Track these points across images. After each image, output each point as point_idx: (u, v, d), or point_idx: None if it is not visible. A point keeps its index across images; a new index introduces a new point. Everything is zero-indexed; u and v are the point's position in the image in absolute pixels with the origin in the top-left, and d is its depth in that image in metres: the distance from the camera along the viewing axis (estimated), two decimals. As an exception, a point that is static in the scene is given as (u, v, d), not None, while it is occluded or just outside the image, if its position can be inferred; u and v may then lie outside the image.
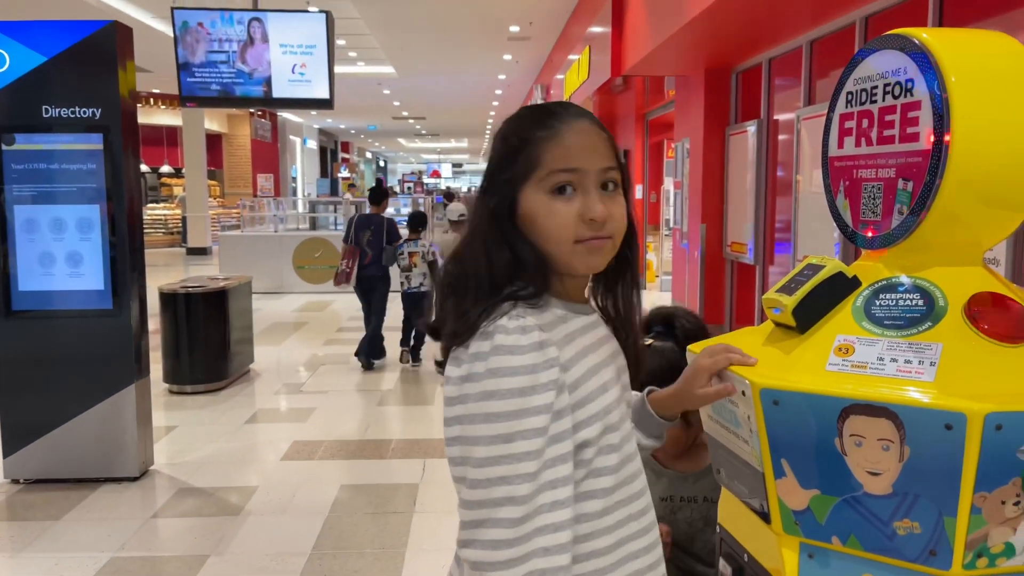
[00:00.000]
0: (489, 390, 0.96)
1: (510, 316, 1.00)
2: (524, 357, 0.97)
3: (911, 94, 1.14)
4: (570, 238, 1.04)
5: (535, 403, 0.97)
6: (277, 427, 5.53)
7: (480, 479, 0.96)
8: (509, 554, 0.95)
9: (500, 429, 0.96)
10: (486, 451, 0.96)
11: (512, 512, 0.95)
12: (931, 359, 1.06)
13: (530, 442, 0.96)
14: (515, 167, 1.06)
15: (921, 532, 1.03)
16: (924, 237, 1.15)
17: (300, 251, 12.09)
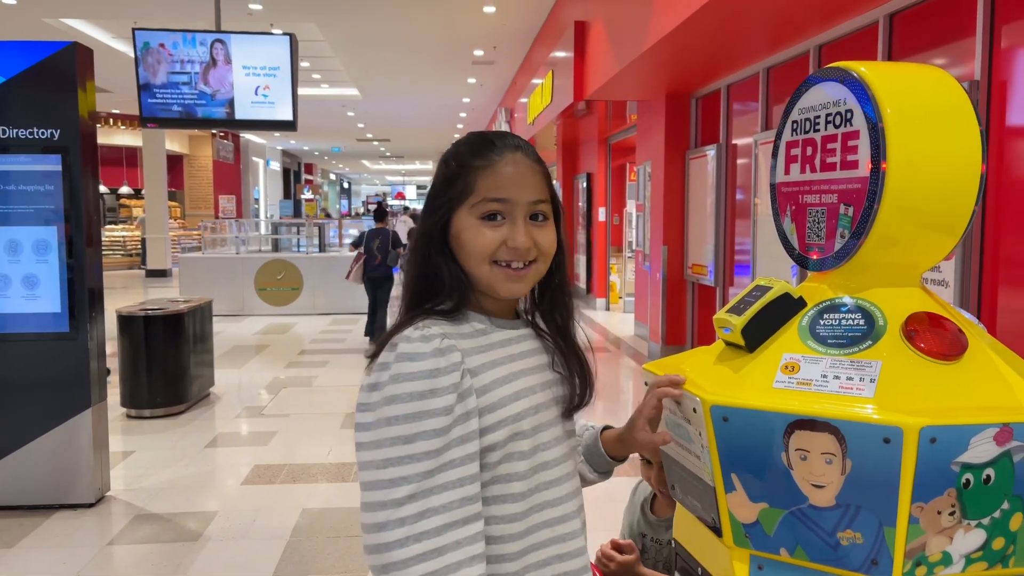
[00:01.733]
0: (391, 395, 1.02)
1: (416, 326, 1.07)
2: (424, 363, 1.03)
3: (850, 124, 1.20)
4: (488, 258, 1.12)
5: (434, 405, 1.02)
6: (237, 451, 5.46)
7: (382, 479, 1.00)
8: (410, 552, 0.98)
9: (401, 431, 1.01)
10: (387, 452, 1.01)
11: (410, 510, 0.99)
12: (871, 376, 1.11)
13: (429, 442, 1.01)
14: (451, 191, 1.13)
15: (863, 542, 1.08)
16: (865, 259, 1.21)
17: (262, 273, 12.00)
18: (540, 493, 1.13)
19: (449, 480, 1.01)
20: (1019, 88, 3.61)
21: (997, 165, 3.67)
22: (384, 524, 0.99)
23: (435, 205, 1.15)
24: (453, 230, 1.13)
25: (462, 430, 1.03)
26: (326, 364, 8.33)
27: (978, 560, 1.09)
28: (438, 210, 1.14)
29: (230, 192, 23.16)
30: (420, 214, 1.18)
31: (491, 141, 1.16)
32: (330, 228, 14.61)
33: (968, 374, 1.12)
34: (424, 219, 1.16)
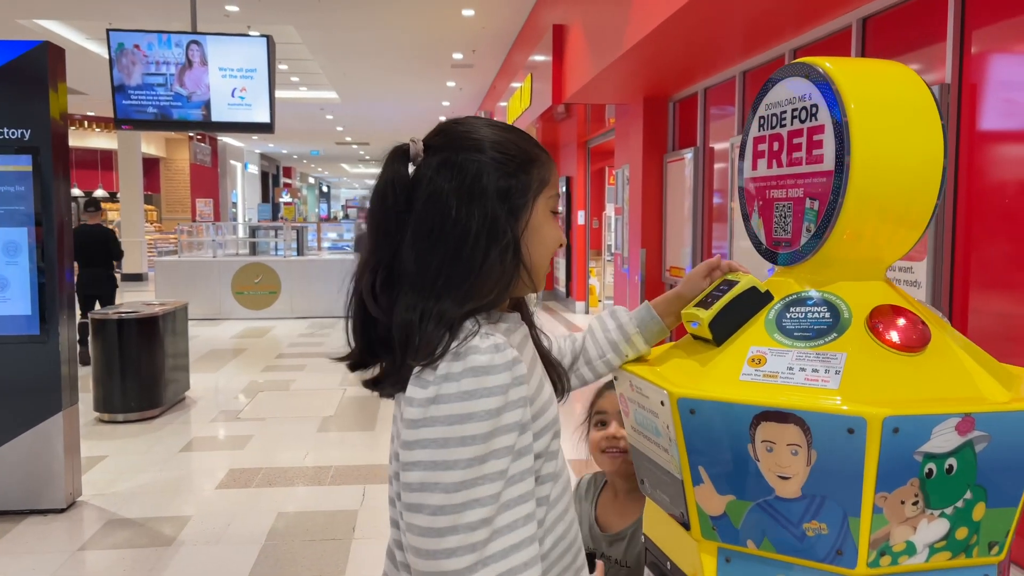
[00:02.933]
0: (464, 412, 0.94)
1: (481, 335, 0.98)
2: (499, 377, 0.95)
3: (815, 118, 1.21)
4: (551, 257, 1.11)
5: (508, 421, 0.96)
6: (213, 455, 5.41)
7: (453, 503, 0.93)
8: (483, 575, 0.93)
9: (477, 451, 0.93)
10: (462, 475, 0.93)
11: (483, 535, 0.93)
12: (836, 368, 1.11)
13: (501, 461, 0.95)
14: (531, 176, 1.08)
15: (828, 533, 1.08)
16: (830, 253, 1.22)
17: (239, 277, 11.92)
18: (567, 492, 1.11)
19: (512, 498, 0.96)
20: (989, 92, 3.67)
21: (968, 168, 3.72)
22: (454, 550, 0.92)
23: (513, 190, 1.05)
24: (533, 220, 1.07)
25: (521, 443, 0.98)
26: (304, 368, 8.28)
27: (942, 550, 1.10)
28: (520, 196, 1.06)
29: (207, 196, 22.98)
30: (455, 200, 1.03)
31: (531, 137, 1.13)
32: (308, 232, 14.52)
33: (931, 366, 1.13)
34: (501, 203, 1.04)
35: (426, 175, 1.06)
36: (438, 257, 1.02)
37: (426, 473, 0.94)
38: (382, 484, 4.76)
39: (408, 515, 0.96)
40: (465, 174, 1.04)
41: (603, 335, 1.39)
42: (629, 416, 1.37)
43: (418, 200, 1.05)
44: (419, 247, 1.03)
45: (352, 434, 5.88)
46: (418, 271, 1.03)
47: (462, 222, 1.02)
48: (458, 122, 1.11)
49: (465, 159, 1.05)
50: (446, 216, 1.03)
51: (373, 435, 5.83)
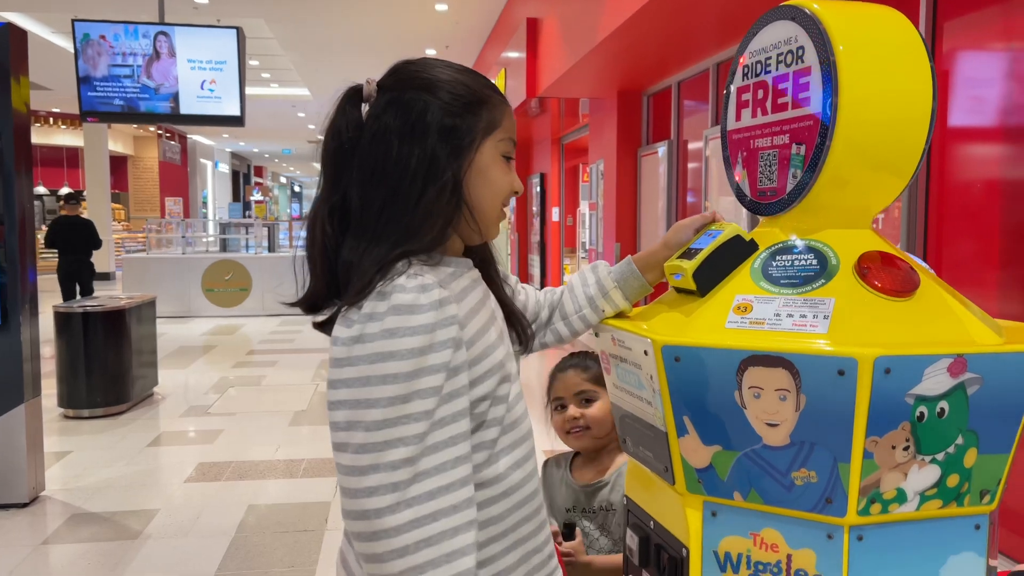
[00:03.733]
0: (386, 350, 0.93)
1: (408, 275, 0.97)
2: (423, 316, 0.95)
3: (802, 60, 1.18)
4: (505, 198, 1.09)
5: (432, 362, 0.95)
6: (181, 450, 5.30)
7: (374, 442, 0.93)
8: (402, 518, 0.92)
9: (399, 390, 0.93)
10: (383, 413, 0.93)
11: (405, 474, 0.93)
12: (824, 313, 1.08)
13: (425, 401, 0.94)
14: (479, 117, 1.05)
15: (817, 481, 1.05)
16: (817, 200, 1.19)
17: (209, 274, 11.74)
18: (510, 434, 1.08)
19: (440, 440, 0.95)
20: (960, 88, 3.68)
21: (940, 165, 3.72)
22: (375, 489, 0.92)
23: (458, 130, 1.03)
24: (478, 162, 1.05)
25: (452, 385, 0.97)
26: (275, 364, 8.16)
27: (932, 497, 1.07)
28: (465, 136, 1.04)
29: (177, 194, 22.67)
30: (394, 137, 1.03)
31: (488, 81, 1.10)
32: (280, 230, 14.37)
33: (920, 311, 1.11)
34: (443, 142, 1.02)
35: (374, 114, 1.05)
36: (380, 197, 1.02)
37: (350, 412, 0.94)
38: (355, 476, 4.69)
39: (336, 455, 0.97)
40: (410, 112, 1.03)
41: (582, 290, 1.35)
42: (610, 373, 1.33)
43: (364, 139, 1.04)
44: (363, 186, 1.03)
45: (324, 428, 5.78)
46: (362, 210, 1.03)
47: (402, 160, 1.02)
48: (411, 62, 1.10)
49: (412, 98, 1.04)
50: (388, 155, 1.02)
51: (346, 429, 5.74)
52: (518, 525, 1.09)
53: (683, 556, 1.15)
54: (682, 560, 1.16)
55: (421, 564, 0.92)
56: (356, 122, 1.06)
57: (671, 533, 1.20)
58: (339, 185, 1.05)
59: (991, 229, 3.45)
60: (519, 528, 1.09)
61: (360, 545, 0.95)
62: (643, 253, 1.34)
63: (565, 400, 1.82)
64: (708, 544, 1.14)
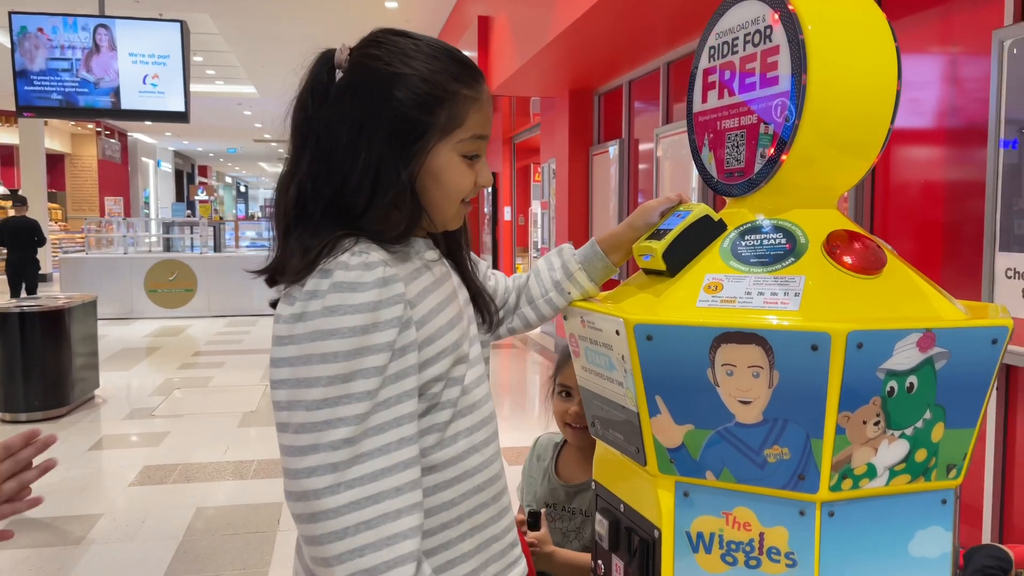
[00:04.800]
0: (327, 328, 0.91)
1: (352, 252, 0.95)
2: (366, 294, 0.92)
3: (770, 40, 1.18)
4: (461, 199, 1.06)
5: (375, 341, 0.92)
6: (126, 453, 5.14)
7: (314, 422, 0.90)
8: (342, 499, 0.90)
9: (339, 369, 0.91)
10: (323, 392, 0.91)
11: (345, 454, 0.90)
12: (795, 290, 1.08)
13: (368, 381, 0.92)
14: (433, 119, 1.00)
15: (790, 457, 1.05)
16: (784, 180, 1.19)
17: (153, 274, 11.44)
18: (467, 417, 1.06)
19: (385, 420, 0.93)
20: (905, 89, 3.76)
21: (884, 168, 3.79)
22: (314, 469, 0.90)
23: (409, 133, 0.99)
24: (431, 165, 1.01)
25: (399, 365, 0.94)
26: (222, 365, 7.98)
27: (901, 472, 1.08)
28: (417, 140, 0.99)
29: (117, 194, 22.03)
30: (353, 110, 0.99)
31: (471, 68, 1.05)
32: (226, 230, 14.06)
33: (888, 288, 1.12)
34: (392, 145, 0.98)
35: (334, 95, 1.01)
36: (330, 187, 1.00)
37: (291, 391, 0.92)
38: (307, 476, 4.61)
39: (278, 435, 0.95)
40: (364, 107, 0.99)
41: (548, 274, 1.33)
42: (579, 356, 1.32)
43: (322, 121, 1.01)
44: (315, 172, 1.01)
45: (275, 429, 5.67)
46: (312, 196, 1.00)
47: (352, 157, 0.98)
48: (384, 40, 1.03)
49: (369, 89, 0.99)
50: (338, 146, 0.99)
51: (297, 429, 5.64)
52: (475, 511, 1.06)
53: (655, 538, 1.14)
54: (654, 542, 1.15)
55: (360, 547, 0.90)
56: (322, 91, 1.02)
57: (642, 515, 1.19)
58: (302, 158, 1.02)
59: (931, 228, 3.54)
60: (476, 514, 1.06)
61: (301, 527, 0.93)
62: (607, 234, 1.33)
63: (571, 389, 1.73)
64: (680, 525, 1.13)
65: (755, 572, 1.09)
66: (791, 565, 1.07)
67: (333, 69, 1.03)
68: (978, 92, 3.20)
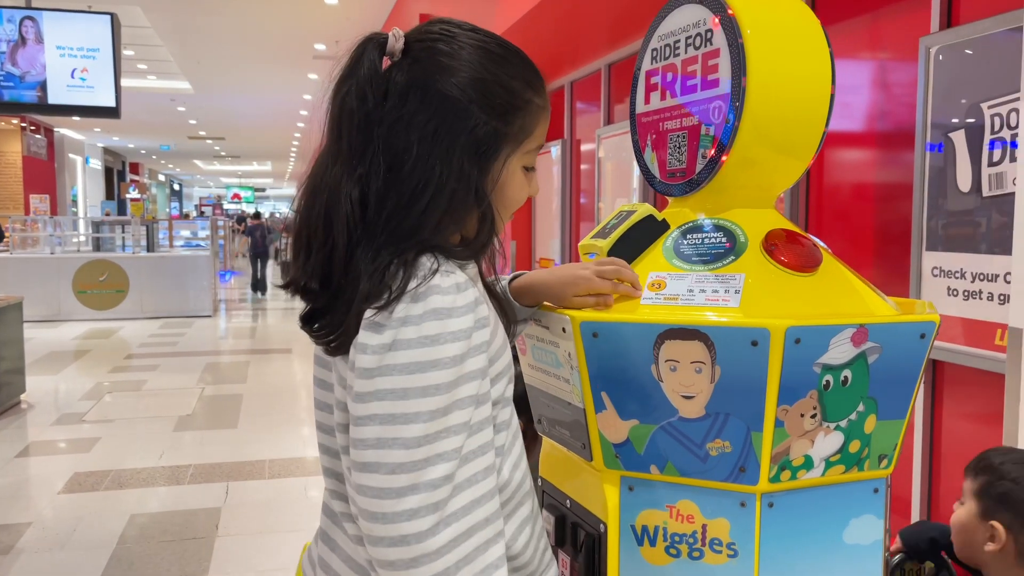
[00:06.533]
0: (428, 360, 0.83)
1: (442, 273, 0.87)
2: (461, 320, 0.85)
3: (711, 43, 1.21)
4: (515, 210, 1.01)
5: (470, 368, 0.86)
6: (54, 459, 4.96)
7: (414, 460, 0.83)
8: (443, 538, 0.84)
9: (440, 403, 0.84)
10: (423, 428, 0.83)
11: (445, 492, 0.84)
12: (735, 288, 1.11)
13: (463, 412, 0.86)
14: (512, 127, 0.94)
15: (731, 450, 1.08)
16: (725, 180, 1.22)
17: (82, 275, 11.05)
18: (518, 438, 1.01)
19: (471, 450, 0.87)
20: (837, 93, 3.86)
21: (818, 169, 3.89)
22: (416, 511, 0.82)
23: (488, 143, 0.92)
24: (500, 176, 0.95)
25: (481, 389, 0.88)
26: (156, 368, 7.77)
27: (836, 463, 1.12)
28: (494, 151, 0.93)
29: (43, 191, 21.24)
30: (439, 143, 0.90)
31: (539, 72, 0.98)
32: (159, 230, 13.69)
33: (824, 285, 1.15)
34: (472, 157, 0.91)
35: (395, 91, 0.92)
36: (395, 195, 0.90)
37: (383, 428, 0.84)
38: (247, 480, 4.53)
39: (360, 475, 0.86)
40: (438, 112, 0.90)
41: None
42: (526, 354, 1.33)
43: (385, 121, 0.91)
44: (382, 179, 0.90)
45: (212, 432, 5.56)
46: (378, 205, 0.90)
47: (425, 167, 0.89)
48: (449, 38, 0.94)
49: (443, 94, 0.91)
50: (408, 153, 0.90)
51: (235, 433, 5.53)
52: (523, 525, 1.00)
53: (600, 532, 1.16)
54: (599, 536, 1.16)
55: None
56: (381, 85, 0.92)
57: (588, 510, 1.21)
58: (364, 157, 0.91)
59: (862, 228, 3.66)
60: (525, 528, 1.00)
61: (394, 574, 0.84)
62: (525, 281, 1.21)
63: None
64: (626, 519, 1.15)
65: (698, 563, 1.11)
66: (732, 555, 1.10)
67: (383, 55, 0.93)
68: (906, 97, 3.32)
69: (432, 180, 0.89)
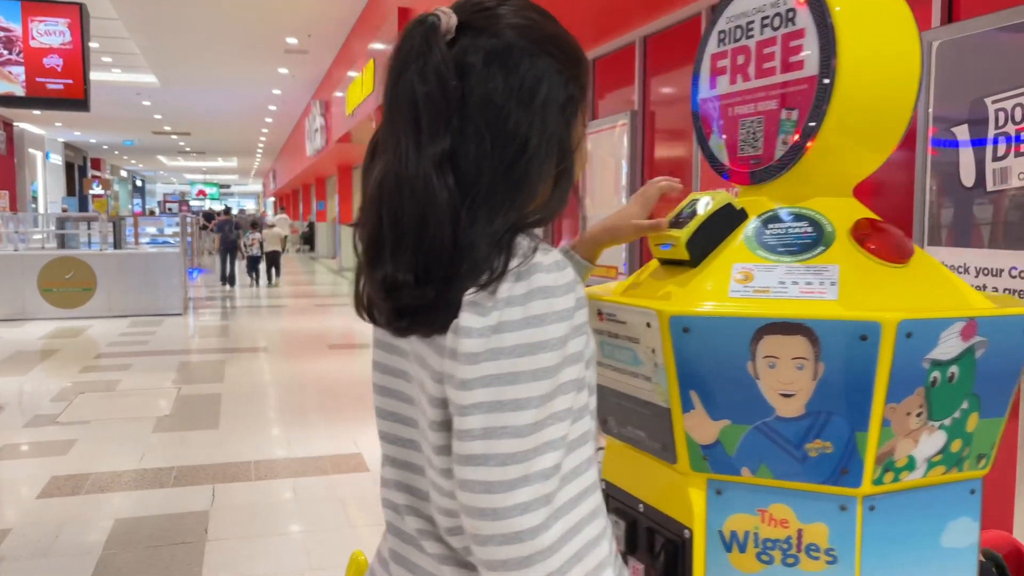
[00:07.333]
0: (536, 341, 0.78)
1: (542, 251, 0.82)
2: (565, 299, 0.80)
3: (793, 23, 1.15)
4: None
5: (572, 350, 0.81)
6: (29, 463, 4.78)
7: (524, 450, 0.77)
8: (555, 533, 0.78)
9: (548, 387, 0.79)
10: (534, 415, 0.78)
11: (554, 483, 0.78)
12: (831, 279, 1.06)
13: (567, 397, 0.80)
14: (582, 80, 0.90)
15: (833, 451, 1.02)
16: (806, 167, 1.16)
17: (47, 272, 10.74)
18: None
19: (574, 438, 0.81)
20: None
21: None
22: (528, 505, 0.76)
23: (573, 99, 0.89)
24: (577, 135, 0.91)
25: (579, 372, 0.83)
26: (129, 368, 7.56)
27: (938, 464, 1.07)
28: (577, 105, 0.90)
29: (2, 187, 20.70)
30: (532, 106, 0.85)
31: None
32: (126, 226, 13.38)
33: (919, 277, 1.11)
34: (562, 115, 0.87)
35: (473, 65, 0.85)
36: (490, 167, 0.84)
37: (492, 416, 0.78)
38: (233, 482, 4.40)
39: (465, 469, 0.79)
40: (523, 76, 0.85)
41: None
42: None
43: (471, 95, 0.85)
44: (473, 152, 0.85)
45: (194, 433, 5.41)
46: (475, 179, 0.84)
47: (520, 134, 0.84)
48: (499, 3, 0.89)
49: (522, 53, 0.86)
50: (501, 126, 0.84)
51: (217, 434, 5.38)
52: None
53: (685, 538, 1.10)
54: (684, 542, 1.10)
55: None
56: (450, 63, 0.85)
57: (667, 515, 1.14)
58: (439, 136, 0.84)
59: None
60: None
61: (506, 574, 0.78)
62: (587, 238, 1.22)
63: None
64: (713, 524, 1.09)
65: (793, 570, 1.06)
66: (831, 562, 1.04)
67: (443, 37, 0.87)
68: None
69: (530, 145, 0.85)
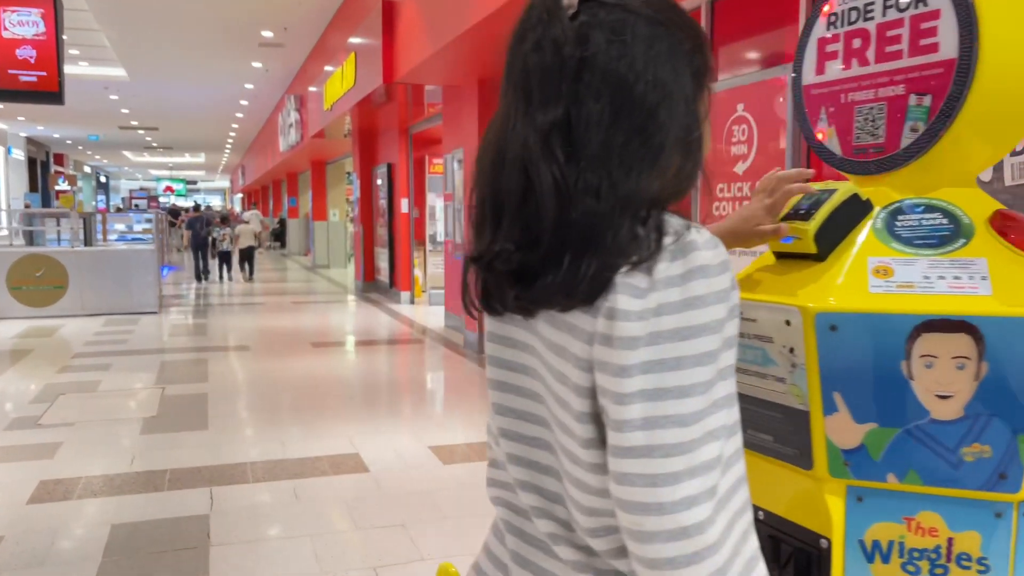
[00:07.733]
0: (699, 323, 0.73)
1: (695, 228, 0.78)
2: (722, 278, 0.76)
3: (924, 4, 1.09)
4: None
5: (728, 333, 0.76)
6: (15, 467, 4.60)
7: (690, 440, 0.72)
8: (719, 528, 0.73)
9: (710, 373, 0.74)
10: (699, 402, 0.73)
11: (717, 475, 0.73)
12: (981, 274, 1.00)
13: (727, 383, 0.76)
14: (707, 57, 0.85)
15: (991, 455, 0.97)
16: (935, 157, 1.11)
17: (16, 270, 10.43)
18: None
19: (727, 425, 0.76)
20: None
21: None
22: (694, 499, 0.72)
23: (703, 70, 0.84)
24: (706, 106, 0.85)
25: (734, 356, 0.79)
26: (109, 367, 7.35)
27: (1091, 468, 1.02)
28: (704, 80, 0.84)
29: (-37, 183, 20.11)
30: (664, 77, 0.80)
31: None
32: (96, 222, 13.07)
33: (1061, 270, 1.05)
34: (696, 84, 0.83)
35: (597, 36, 0.80)
36: (611, 139, 0.78)
37: (654, 405, 0.73)
38: (231, 485, 4.28)
39: (625, 463, 0.74)
40: (650, 44, 0.80)
41: None
42: None
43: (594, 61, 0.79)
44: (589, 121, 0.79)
45: (184, 435, 5.25)
46: (602, 149, 0.78)
47: (651, 105, 0.79)
48: None
49: (648, 25, 0.80)
50: (627, 94, 0.79)
51: (208, 435, 5.24)
52: None
53: (823, 548, 1.04)
54: (820, 552, 1.04)
55: None
56: (572, 33, 0.80)
57: (797, 524, 1.08)
58: (550, 104, 0.80)
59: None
60: None
61: (672, 574, 0.73)
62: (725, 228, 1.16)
63: None
64: (852, 533, 1.03)
65: (941, 581, 1.00)
66: (983, 571, 0.99)
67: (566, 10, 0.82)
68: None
69: (660, 111, 0.79)
